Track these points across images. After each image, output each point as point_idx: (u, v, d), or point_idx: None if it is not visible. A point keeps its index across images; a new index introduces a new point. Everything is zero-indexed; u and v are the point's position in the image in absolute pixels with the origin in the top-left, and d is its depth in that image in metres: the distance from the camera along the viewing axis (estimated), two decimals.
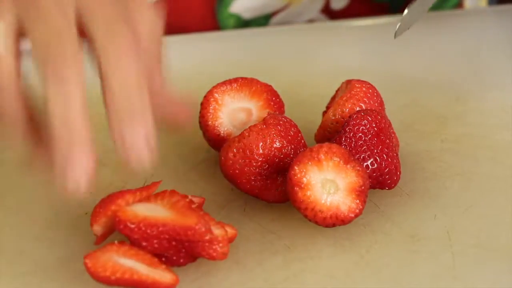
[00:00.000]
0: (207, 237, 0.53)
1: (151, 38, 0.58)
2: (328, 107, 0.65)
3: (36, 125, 0.55)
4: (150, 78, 0.56)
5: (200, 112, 0.64)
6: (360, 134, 0.59)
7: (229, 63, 0.80)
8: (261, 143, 0.59)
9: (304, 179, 0.56)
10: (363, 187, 0.56)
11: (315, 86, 0.76)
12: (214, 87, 0.64)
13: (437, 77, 0.78)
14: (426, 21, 0.87)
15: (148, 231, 0.53)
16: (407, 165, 0.64)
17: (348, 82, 0.64)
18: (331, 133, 0.62)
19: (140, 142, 0.52)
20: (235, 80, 0.64)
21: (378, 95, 0.63)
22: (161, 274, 0.53)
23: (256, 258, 0.57)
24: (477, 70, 0.78)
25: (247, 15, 0.88)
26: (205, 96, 0.64)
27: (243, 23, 0.88)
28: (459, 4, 0.94)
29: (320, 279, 0.55)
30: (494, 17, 0.87)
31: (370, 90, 0.63)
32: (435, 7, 0.92)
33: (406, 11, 0.68)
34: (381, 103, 0.63)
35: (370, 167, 0.59)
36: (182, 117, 0.58)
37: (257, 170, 0.59)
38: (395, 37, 0.68)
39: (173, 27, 0.87)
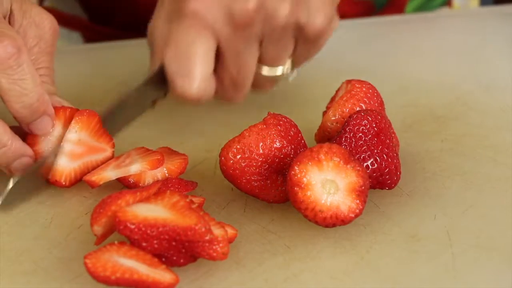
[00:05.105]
0: (207, 237, 0.53)
1: (39, 43, 0.65)
2: (328, 107, 0.65)
3: None
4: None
5: None
6: (360, 134, 0.59)
7: None
8: (261, 143, 0.59)
9: (304, 179, 0.56)
10: (363, 187, 0.56)
11: (315, 86, 0.76)
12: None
13: (437, 77, 0.78)
14: (426, 22, 0.87)
15: (148, 231, 0.53)
16: (407, 165, 0.64)
17: (348, 82, 0.64)
18: (331, 133, 0.62)
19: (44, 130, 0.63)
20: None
21: (378, 95, 0.63)
22: (161, 274, 0.53)
23: (256, 258, 0.57)
24: (477, 70, 0.78)
25: None
26: None
27: None
28: (447, 3, 0.94)
29: (320, 279, 0.55)
30: (494, 18, 0.87)
31: (370, 90, 0.63)
32: (421, 7, 0.92)
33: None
34: (381, 103, 0.63)
35: (370, 167, 0.59)
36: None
37: (257, 170, 0.59)
38: None
39: (139, 21, 0.88)
